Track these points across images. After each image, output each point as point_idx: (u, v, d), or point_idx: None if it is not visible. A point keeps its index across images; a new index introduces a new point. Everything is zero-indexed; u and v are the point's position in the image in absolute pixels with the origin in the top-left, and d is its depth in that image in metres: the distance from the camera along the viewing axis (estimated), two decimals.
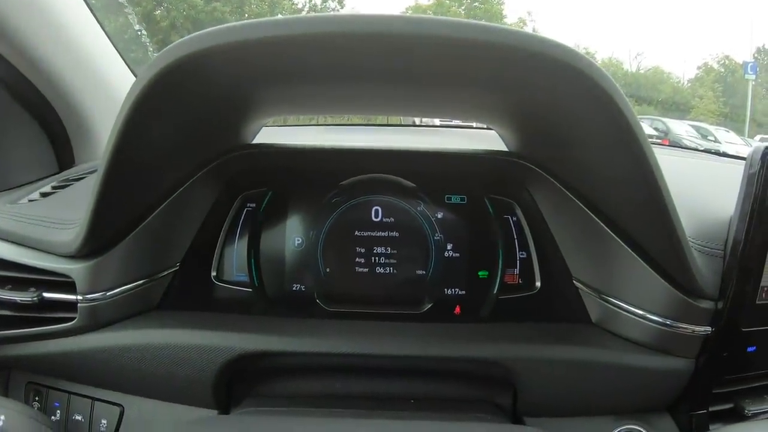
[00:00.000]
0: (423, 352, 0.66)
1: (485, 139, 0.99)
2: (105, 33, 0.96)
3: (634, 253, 0.64)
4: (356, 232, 0.78)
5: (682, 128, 8.66)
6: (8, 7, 0.76)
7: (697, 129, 9.22)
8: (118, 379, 0.67)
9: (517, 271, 0.78)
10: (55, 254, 0.66)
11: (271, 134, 0.85)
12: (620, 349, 0.66)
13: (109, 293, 0.66)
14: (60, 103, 0.90)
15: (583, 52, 0.49)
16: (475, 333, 0.70)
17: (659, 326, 0.63)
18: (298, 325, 0.70)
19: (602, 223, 0.67)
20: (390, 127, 1.38)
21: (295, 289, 0.78)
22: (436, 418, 0.64)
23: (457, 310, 0.78)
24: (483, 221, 0.79)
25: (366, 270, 0.78)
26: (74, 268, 0.65)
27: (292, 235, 0.79)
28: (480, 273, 0.78)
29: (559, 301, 0.76)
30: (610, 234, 0.66)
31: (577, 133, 0.60)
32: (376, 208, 0.79)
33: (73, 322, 0.65)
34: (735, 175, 0.61)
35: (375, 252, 0.78)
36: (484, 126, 1.15)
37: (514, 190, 0.78)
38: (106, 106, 0.95)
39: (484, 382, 0.68)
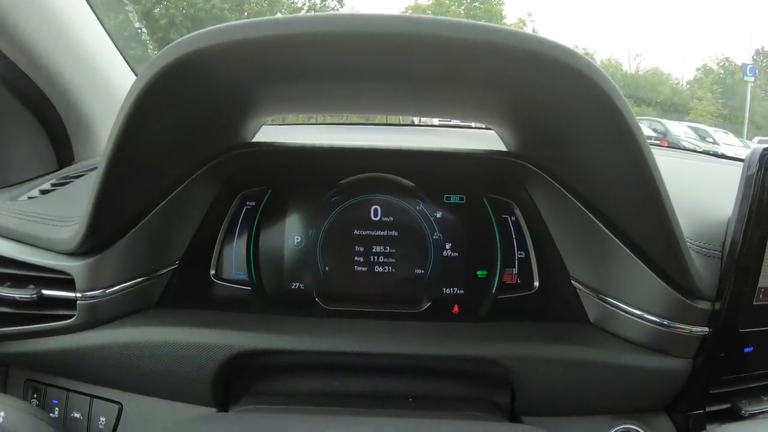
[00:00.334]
0: (421, 351, 0.66)
1: (484, 138, 0.99)
2: (105, 30, 0.95)
3: (632, 254, 0.64)
4: (355, 231, 0.78)
5: (681, 129, 8.65)
6: (8, 4, 0.76)
7: (696, 130, 9.21)
8: (116, 377, 0.67)
9: (516, 270, 0.78)
10: (54, 251, 0.66)
11: (271, 133, 0.85)
12: (618, 348, 0.66)
13: (108, 291, 0.66)
14: (60, 100, 0.89)
15: (582, 53, 0.49)
16: (473, 332, 0.70)
17: (657, 326, 0.63)
18: (297, 323, 0.71)
19: (600, 224, 0.67)
20: (389, 127, 1.38)
21: (294, 287, 0.78)
22: (434, 417, 0.64)
23: (456, 309, 0.78)
24: (482, 221, 0.79)
25: (365, 269, 0.78)
26: (73, 266, 0.65)
27: (292, 233, 0.79)
28: (478, 272, 0.78)
29: (558, 301, 0.76)
30: (609, 234, 0.66)
31: (576, 134, 0.60)
32: (375, 207, 0.79)
33: (72, 320, 0.65)
34: (733, 177, 0.61)
35: (374, 251, 0.78)
36: (483, 126, 1.15)
37: (513, 190, 0.79)
38: (106, 103, 0.95)
39: (482, 381, 0.69)
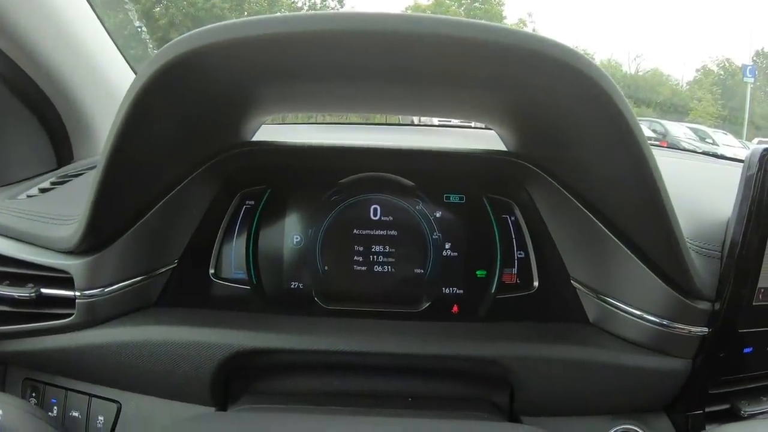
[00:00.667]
0: (421, 351, 0.66)
1: (484, 138, 0.99)
2: (105, 29, 0.95)
3: (632, 254, 0.64)
4: (355, 231, 0.78)
5: (681, 130, 8.64)
6: (8, 2, 0.76)
7: (696, 131, 9.21)
8: (115, 376, 0.67)
9: (515, 270, 0.78)
10: (53, 250, 0.66)
11: (271, 132, 0.85)
12: (617, 349, 0.66)
13: (107, 290, 0.66)
14: (59, 99, 0.89)
15: (582, 53, 0.49)
16: (472, 332, 0.70)
17: (656, 326, 0.63)
18: (296, 322, 0.70)
19: (600, 224, 0.67)
20: (389, 126, 1.38)
21: (293, 286, 0.78)
22: (434, 416, 0.64)
23: (455, 309, 0.78)
24: (481, 221, 0.79)
25: (364, 268, 0.78)
26: (72, 264, 0.64)
27: (291, 233, 0.79)
28: (478, 272, 0.78)
29: (557, 301, 0.76)
30: (608, 234, 0.66)
31: (576, 133, 0.60)
32: (375, 206, 0.79)
33: (71, 319, 0.65)
34: (733, 178, 0.61)
35: (373, 250, 0.78)
36: (483, 126, 1.15)
37: (513, 190, 0.79)
38: (105, 102, 0.95)
39: (482, 381, 0.68)
